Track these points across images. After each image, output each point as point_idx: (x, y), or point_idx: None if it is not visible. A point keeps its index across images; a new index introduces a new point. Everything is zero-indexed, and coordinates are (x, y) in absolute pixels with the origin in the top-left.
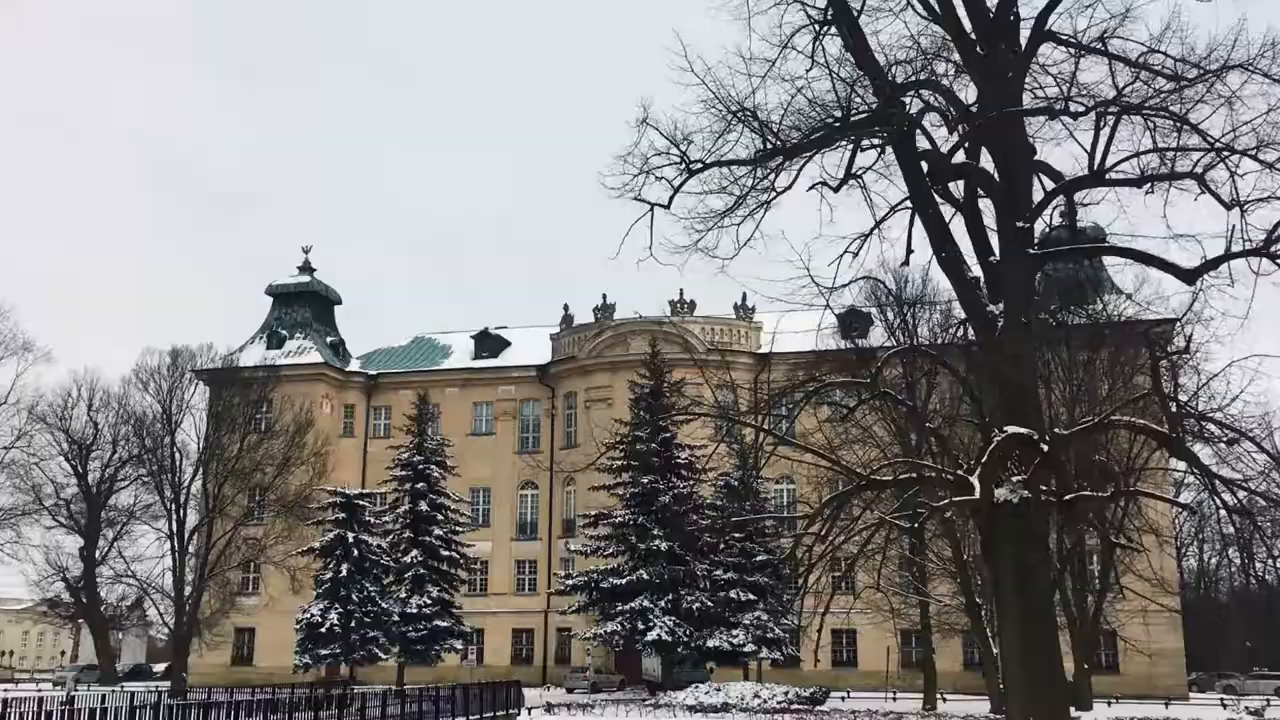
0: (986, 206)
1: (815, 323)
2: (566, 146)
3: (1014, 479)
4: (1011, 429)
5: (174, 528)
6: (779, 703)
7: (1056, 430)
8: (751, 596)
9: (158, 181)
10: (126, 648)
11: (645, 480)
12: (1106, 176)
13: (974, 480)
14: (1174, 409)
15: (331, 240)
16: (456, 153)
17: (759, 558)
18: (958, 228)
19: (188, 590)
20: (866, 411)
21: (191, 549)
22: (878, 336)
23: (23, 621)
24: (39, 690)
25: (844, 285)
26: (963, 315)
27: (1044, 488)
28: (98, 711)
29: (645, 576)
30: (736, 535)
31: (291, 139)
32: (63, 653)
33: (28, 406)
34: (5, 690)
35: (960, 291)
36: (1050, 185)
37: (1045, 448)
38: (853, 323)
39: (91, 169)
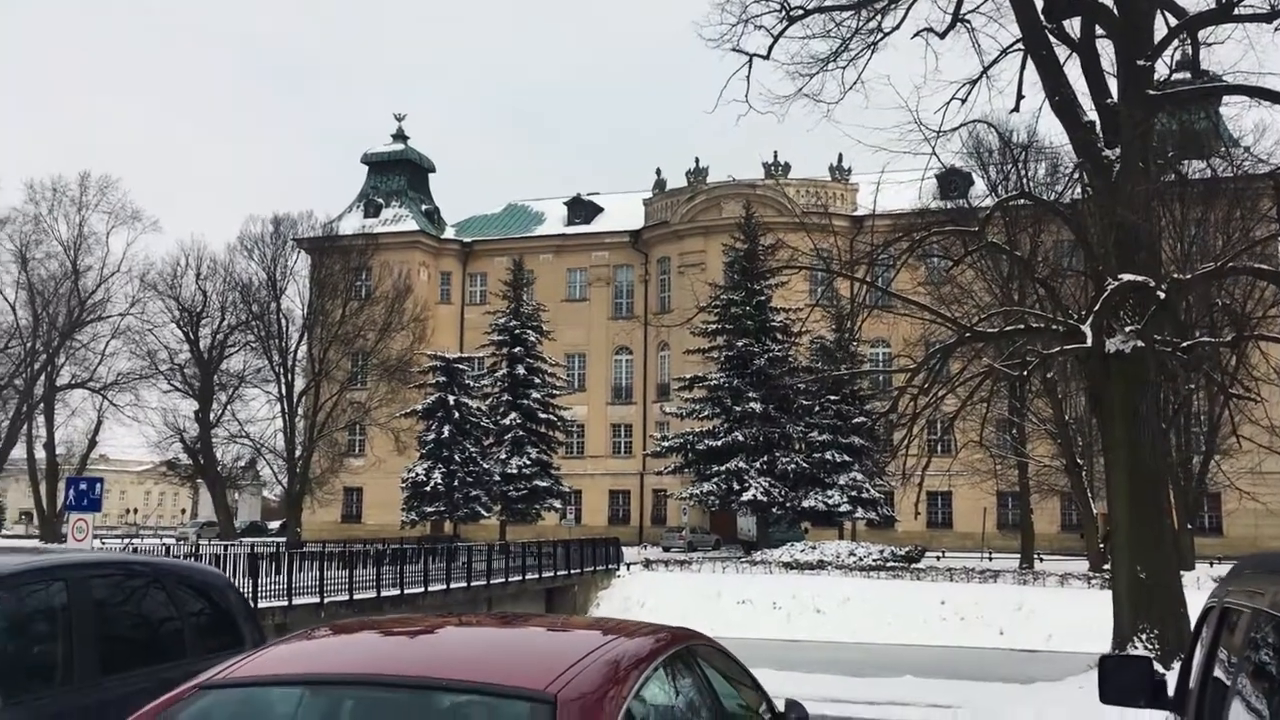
0: (1104, 48)
1: (915, 181)
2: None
3: (1127, 328)
4: (1127, 276)
5: (283, 390)
6: (874, 560)
7: (1174, 276)
8: (847, 458)
9: (243, 50)
10: (243, 506)
11: (740, 343)
12: (1235, 12)
13: (1085, 329)
14: None
15: (422, 109)
16: (544, 16)
17: (855, 419)
18: (1071, 71)
19: (298, 451)
20: (965, 269)
21: (300, 411)
22: (978, 197)
23: (145, 482)
24: (163, 543)
25: (951, 130)
26: (1073, 167)
27: (1158, 336)
28: (222, 558)
29: (740, 438)
30: (832, 398)
31: (376, 7)
32: (183, 511)
33: (139, 275)
34: (132, 543)
35: (1074, 136)
36: (1174, 22)
37: (1162, 294)
38: (953, 183)
39: (176, 40)
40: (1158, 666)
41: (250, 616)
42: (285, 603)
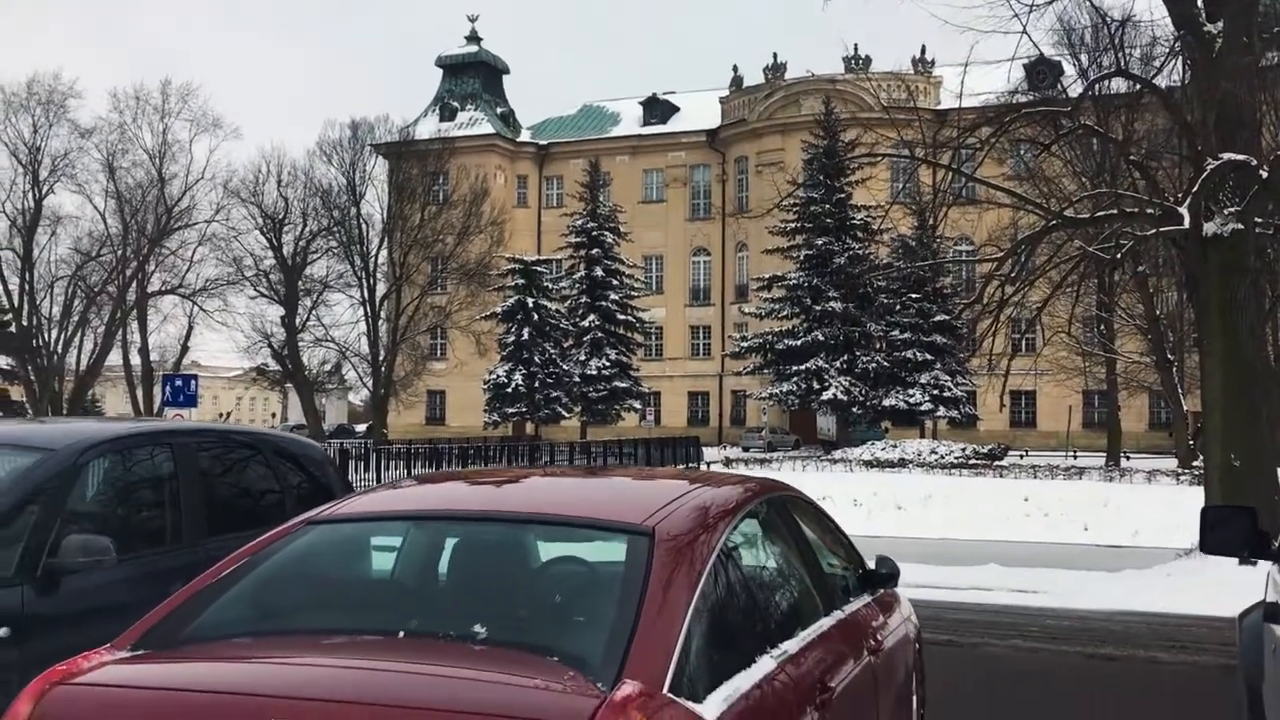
0: None
1: (1003, 64)
2: None
3: (1226, 210)
4: (1227, 155)
5: (365, 295)
6: (956, 459)
7: (1279, 155)
8: (928, 356)
9: None
10: (330, 409)
11: (819, 242)
12: None
13: (1183, 210)
14: None
15: (493, 11)
16: None
17: (936, 318)
18: None
19: (382, 354)
20: (1052, 159)
21: (383, 315)
22: (1069, 81)
23: (236, 387)
24: None
25: (1044, 4)
26: (1173, 40)
27: (1259, 219)
28: None
29: (820, 337)
30: (913, 296)
31: None
32: (273, 415)
33: (223, 182)
34: None
35: (1174, 10)
36: None
37: (1264, 174)
38: (1041, 72)
39: None
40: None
41: (347, 489)
42: None
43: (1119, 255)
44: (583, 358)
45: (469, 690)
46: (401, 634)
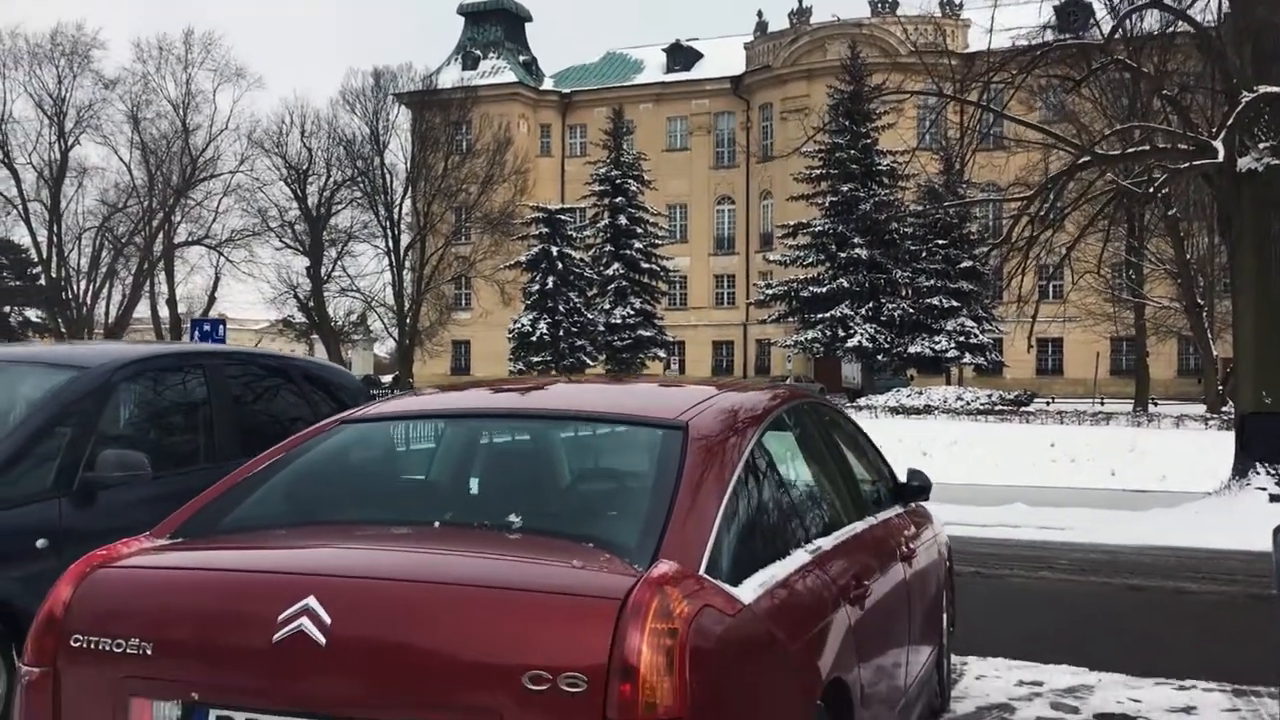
0: None
1: (1032, 7)
2: None
3: (1261, 145)
4: (1263, 88)
5: (390, 245)
6: (982, 405)
7: None
8: (954, 303)
9: None
10: (356, 361)
11: (845, 188)
12: None
13: (1217, 144)
14: None
15: None
16: None
17: (962, 264)
18: None
19: (407, 304)
20: (1081, 101)
21: (408, 265)
22: (1101, 18)
23: (261, 339)
24: None
25: None
26: None
27: None
28: None
29: (845, 285)
30: (939, 242)
31: None
32: None
33: (247, 133)
34: None
35: None
36: None
37: None
38: (1071, 15)
39: None
40: None
41: None
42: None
43: (1151, 190)
44: (607, 306)
45: (506, 569)
46: (437, 524)
